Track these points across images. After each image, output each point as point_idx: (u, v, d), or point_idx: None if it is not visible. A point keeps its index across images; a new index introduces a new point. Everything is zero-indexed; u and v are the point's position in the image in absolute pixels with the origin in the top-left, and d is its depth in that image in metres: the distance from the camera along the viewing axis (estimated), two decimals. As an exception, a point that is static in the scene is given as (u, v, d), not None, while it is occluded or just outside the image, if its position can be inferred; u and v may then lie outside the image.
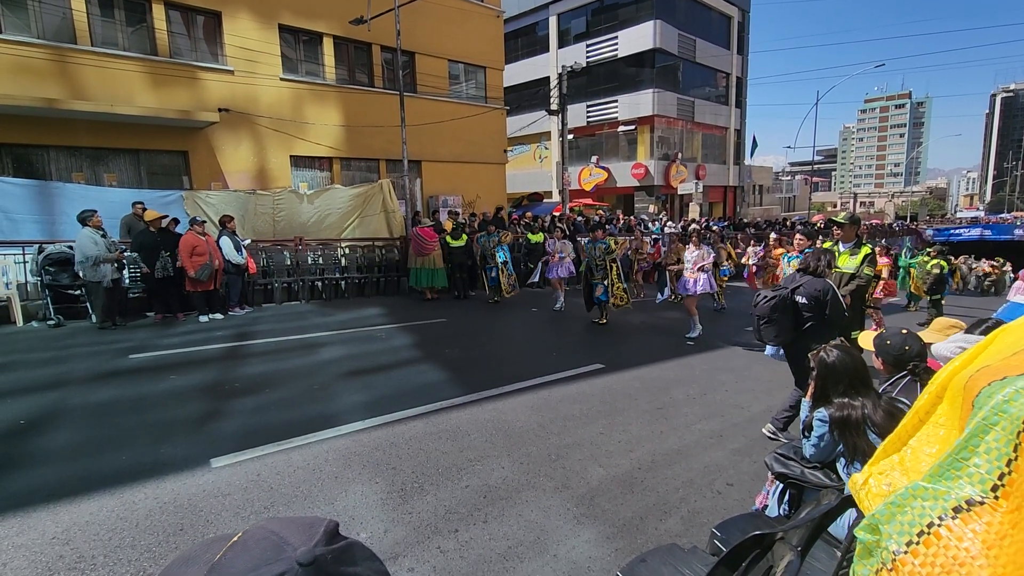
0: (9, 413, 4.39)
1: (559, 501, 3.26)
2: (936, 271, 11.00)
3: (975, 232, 34.42)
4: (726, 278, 10.65)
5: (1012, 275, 20.19)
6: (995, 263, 20.28)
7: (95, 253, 7.26)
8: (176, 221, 8.69)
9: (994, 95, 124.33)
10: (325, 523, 0.60)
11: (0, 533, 2.81)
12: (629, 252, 11.98)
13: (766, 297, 3.99)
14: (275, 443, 3.91)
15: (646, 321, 9.26)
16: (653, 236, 16.49)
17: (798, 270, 4.23)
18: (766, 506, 2.57)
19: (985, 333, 2.93)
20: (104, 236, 7.53)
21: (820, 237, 8.10)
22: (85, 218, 7.42)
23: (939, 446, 0.72)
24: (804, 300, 3.97)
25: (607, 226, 14.83)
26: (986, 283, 19.49)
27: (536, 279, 11.11)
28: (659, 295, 11.27)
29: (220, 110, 12.33)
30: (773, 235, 10.18)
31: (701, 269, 7.72)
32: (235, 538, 0.57)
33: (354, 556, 0.58)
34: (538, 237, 12.87)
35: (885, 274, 9.66)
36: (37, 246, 7.88)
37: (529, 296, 11.20)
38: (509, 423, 4.44)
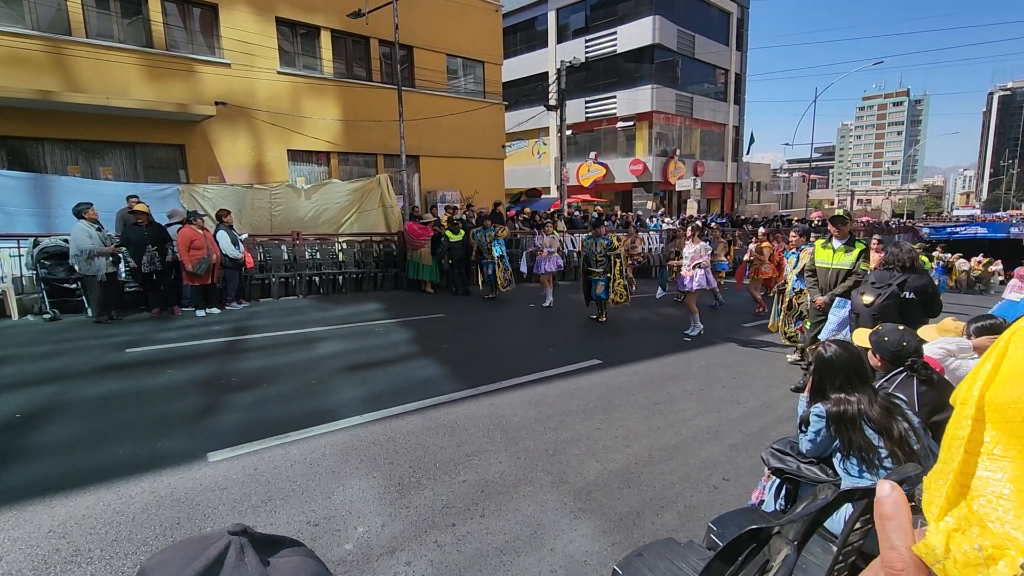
0: (5, 407, 4.38)
1: (556, 496, 3.27)
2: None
3: (971, 230, 34.49)
4: (723, 272, 10.62)
5: (1000, 273, 20.33)
6: (980, 260, 20.39)
7: (89, 246, 7.22)
8: (194, 214, 8.39)
9: (991, 93, 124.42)
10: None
11: (-4, 526, 2.81)
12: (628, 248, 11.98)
13: (880, 295, 4.19)
14: (272, 437, 3.91)
15: (644, 317, 9.27)
16: (650, 231, 16.52)
17: (885, 265, 4.40)
18: (762, 501, 2.58)
19: (983, 332, 2.94)
20: (100, 229, 7.49)
21: (814, 233, 8.10)
22: (81, 211, 7.37)
23: (1014, 485, 0.53)
24: (912, 295, 4.18)
25: (605, 223, 14.83)
26: (971, 277, 19.66)
27: (524, 269, 11.15)
28: (659, 290, 11.26)
29: (217, 103, 12.25)
30: (762, 230, 10.17)
31: (698, 266, 7.70)
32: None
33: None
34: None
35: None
36: (32, 239, 7.83)
37: (526, 292, 11.19)
38: (506, 418, 4.45)
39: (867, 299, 4.32)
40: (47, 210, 8.77)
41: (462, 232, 11.00)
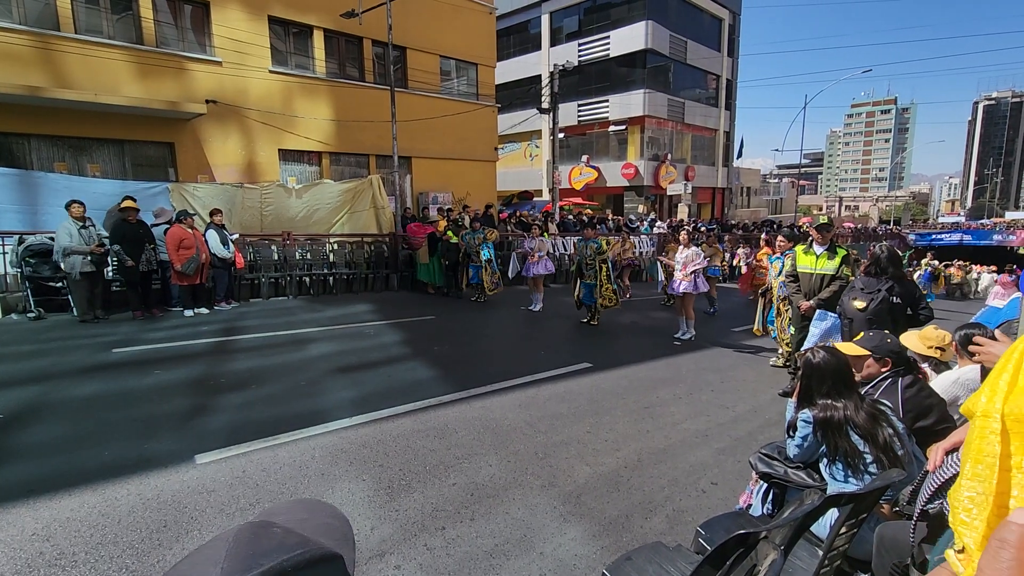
0: (-13, 407, 4.31)
1: (546, 499, 3.28)
2: None
3: (955, 237, 35.03)
4: (717, 278, 10.64)
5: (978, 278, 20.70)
6: (963, 265, 20.76)
7: (67, 244, 7.14)
8: (183, 213, 8.30)
9: (977, 103, 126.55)
10: (293, 553, 0.54)
11: (-22, 529, 2.76)
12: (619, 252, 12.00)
13: (873, 299, 4.33)
14: (261, 439, 3.88)
15: (635, 321, 9.31)
16: (641, 235, 16.59)
17: (869, 272, 4.50)
18: (750, 505, 2.61)
19: (969, 340, 2.99)
20: (86, 227, 7.39)
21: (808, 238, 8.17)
22: (68, 206, 7.31)
23: None
24: (899, 300, 4.33)
25: (598, 226, 14.89)
26: (952, 283, 20.04)
27: (512, 273, 11.20)
28: (659, 284, 11.19)
29: (208, 102, 12.15)
30: (763, 236, 10.22)
31: (692, 273, 7.70)
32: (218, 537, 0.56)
33: None
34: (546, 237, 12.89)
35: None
36: (17, 237, 7.72)
37: (517, 295, 11.20)
38: (497, 421, 4.45)
39: (859, 304, 4.43)
40: (33, 207, 8.63)
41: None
